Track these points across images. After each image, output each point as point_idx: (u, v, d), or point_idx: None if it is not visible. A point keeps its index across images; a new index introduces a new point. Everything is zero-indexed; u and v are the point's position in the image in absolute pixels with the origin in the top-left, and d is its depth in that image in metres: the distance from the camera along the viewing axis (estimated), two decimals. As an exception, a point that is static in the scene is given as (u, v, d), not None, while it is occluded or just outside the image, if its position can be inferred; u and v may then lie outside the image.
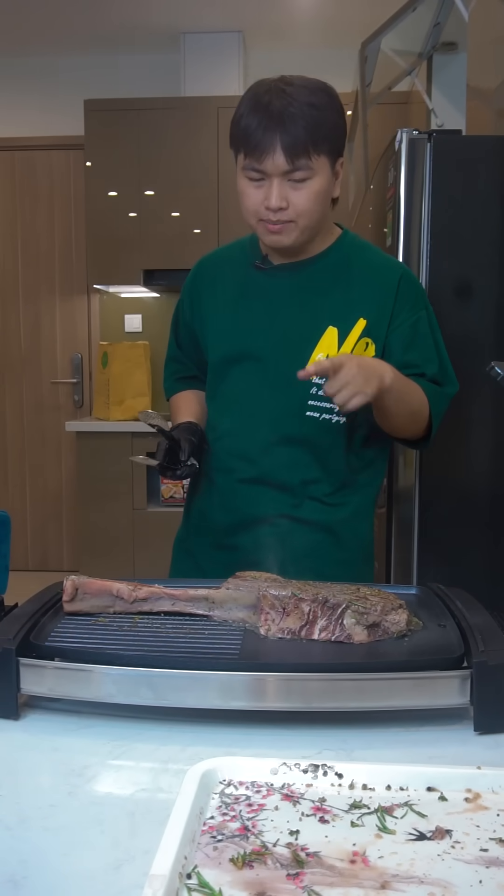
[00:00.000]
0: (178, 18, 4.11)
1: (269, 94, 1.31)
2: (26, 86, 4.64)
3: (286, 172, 1.32)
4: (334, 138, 1.35)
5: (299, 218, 1.36)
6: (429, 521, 2.48)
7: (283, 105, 1.29)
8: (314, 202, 1.35)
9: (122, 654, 0.93)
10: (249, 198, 1.37)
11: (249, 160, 1.34)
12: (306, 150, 1.30)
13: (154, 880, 0.56)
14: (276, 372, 1.44)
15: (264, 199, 1.35)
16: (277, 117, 1.29)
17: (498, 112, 2.74)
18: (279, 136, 1.29)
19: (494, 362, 1.55)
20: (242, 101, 1.37)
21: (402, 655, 0.97)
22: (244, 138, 1.33)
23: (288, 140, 1.29)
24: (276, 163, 1.31)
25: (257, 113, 1.31)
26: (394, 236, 2.42)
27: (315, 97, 1.31)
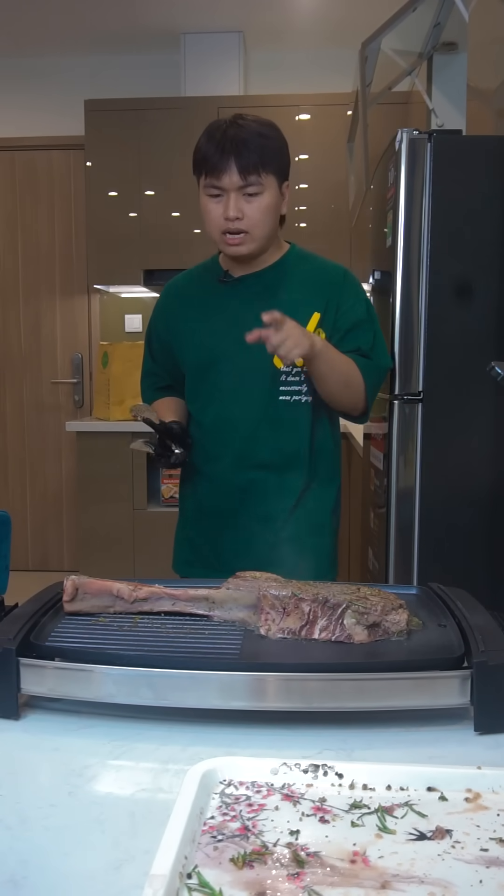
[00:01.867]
0: (178, 18, 4.11)
1: (224, 126, 1.58)
2: (26, 86, 4.64)
3: (240, 187, 1.57)
4: (279, 162, 1.61)
5: (253, 228, 1.60)
6: (429, 521, 2.48)
7: (237, 132, 1.56)
8: (264, 214, 1.60)
9: (122, 654, 0.93)
10: (211, 213, 1.62)
11: (209, 179, 1.59)
12: (256, 168, 1.56)
13: (154, 880, 0.56)
14: (246, 367, 1.67)
15: (223, 212, 1.59)
16: (232, 141, 1.56)
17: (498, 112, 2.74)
18: (234, 156, 1.55)
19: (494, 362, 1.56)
20: (201, 137, 1.62)
21: (402, 655, 0.97)
22: (204, 161, 1.59)
23: (241, 159, 1.55)
24: (231, 179, 1.56)
25: (214, 140, 1.57)
26: (394, 236, 2.42)
27: (263, 129, 1.59)
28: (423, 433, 2.45)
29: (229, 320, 1.69)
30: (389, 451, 2.49)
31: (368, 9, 3.53)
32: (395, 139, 2.39)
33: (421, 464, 2.46)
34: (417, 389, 2.44)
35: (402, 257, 2.40)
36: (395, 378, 2.45)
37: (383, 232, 2.62)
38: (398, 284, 2.41)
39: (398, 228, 2.39)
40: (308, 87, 4.27)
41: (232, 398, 1.70)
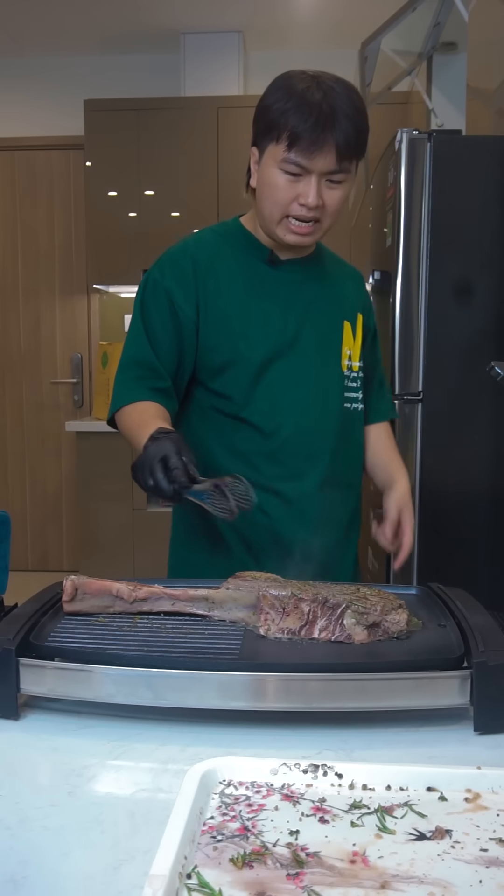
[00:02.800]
0: (178, 18, 4.11)
1: (315, 91, 1.28)
2: (26, 86, 4.64)
3: (329, 172, 1.31)
4: (365, 146, 1.36)
5: (326, 218, 1.36)
6: (429, 521, 2.48)
7: (336, 104, 1.27)
8: (343, 204, 1.37)
9: (121, 654, 0.93)
10: (283, 191, 1.33)
11: (296, 155, 1.29)
12: (354, 153, 1.31)
13: (154, 880, 0.56)
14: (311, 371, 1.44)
15: (299, 196, 1.32)
16: (332, 116, 1.27)
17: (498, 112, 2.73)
18: (334, 135, 1.27)
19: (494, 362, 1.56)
20: (278, 94, 1.31)
21: (402, 655, 0.97)
22: (294, 134, 1.28)
23: (343, 140, 1.28)
24: (326, 161, 1.29)
25: (308, 109, 1.27)
26: (394, 236, 2.42)
27: (358, 99, 1.32)
28: (423, 433, 2.45)
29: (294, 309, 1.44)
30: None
31: (368, 9, 3.54)
32: (394, 139, 2.39)
33: (421, 464, 2.46)
34: (417, 389, 2.44)
35: (401, 257, 2.40)
36: (395, 378, 2.45)
37: (383, 232, 2.62)
38: (398, 284, 2.41)
39: (398, 228, 2.39)
40: (308, 87, 4.26)
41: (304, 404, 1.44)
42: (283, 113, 1.28)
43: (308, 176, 1.31)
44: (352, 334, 1.50)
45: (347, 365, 1.49)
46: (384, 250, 2.58)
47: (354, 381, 1.51)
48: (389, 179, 2.49)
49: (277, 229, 1.38)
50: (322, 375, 1.45)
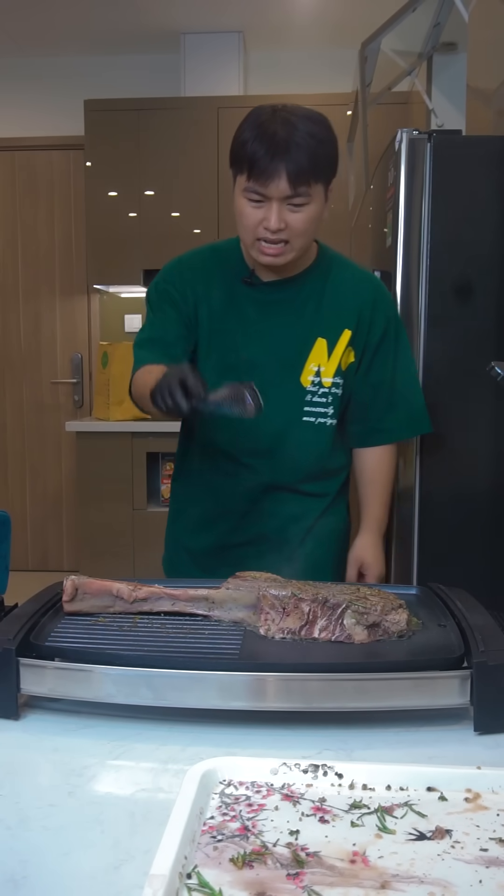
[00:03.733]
0: (178, 18, 4.11)
1: (273, 123, 1.38)
2: (26, 86, 4.64)
3: (287, 197, 1.40)
4: (330, 167, 1.44)
5: (294, 239, 1.45)
6: (429, 521, 2.48)
7: (289, 134, 1.37)
8: (309, 225, 1.45)
9: (122, 654, 0.93)
10: (249, 217, 1.44)
11: (253, 183, 1.40)
12: (308, 178, 1.38)
13: (154, 880, 0.56)
14: (271, 383, 1.51)
15: (263, 220, 1.42)
16: (283, 145, 1.36)
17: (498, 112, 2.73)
18: (284, 163, 1.36)
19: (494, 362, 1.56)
20: (245, 127, 1.42)
21: (402, 655, 0.97)
22: (250, 163, 1.38)
23: (293, 168, 1.36)
24: (279, 188, 1.38)
25: (263, 139, 1.37)
26: (394, 236, 2.42)
27: (317, 129, 1.41)
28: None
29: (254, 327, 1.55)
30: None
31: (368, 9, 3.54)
32: (394, 139, 2.39)
33: (421, 464, 2.46)
34: (417, 389, 2.43)
35: (401, 257, 2.40)
36: (395, 378, 2.45)
37: (383, 232, 2.62)
38: (398, 284, 2.41)
39: (398, 228, 2.39)
40: (308, 87, 4.26)
41: None
42: (244, 144, 1.40)
43: (269, 202, 1.41)
44: (326, 351, 1.55)
45: (313, 380, 1.56)
46: (384, 250, 2.58)
47: (324, 397, 1.57)
48: (389, 179, 2.49)
49: (252, 252, 1.49)
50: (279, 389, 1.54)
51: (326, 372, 1.56)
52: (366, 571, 1.65)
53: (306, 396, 1.56)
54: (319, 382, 1.55)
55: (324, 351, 1.55)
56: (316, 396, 1.56)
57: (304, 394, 1.56)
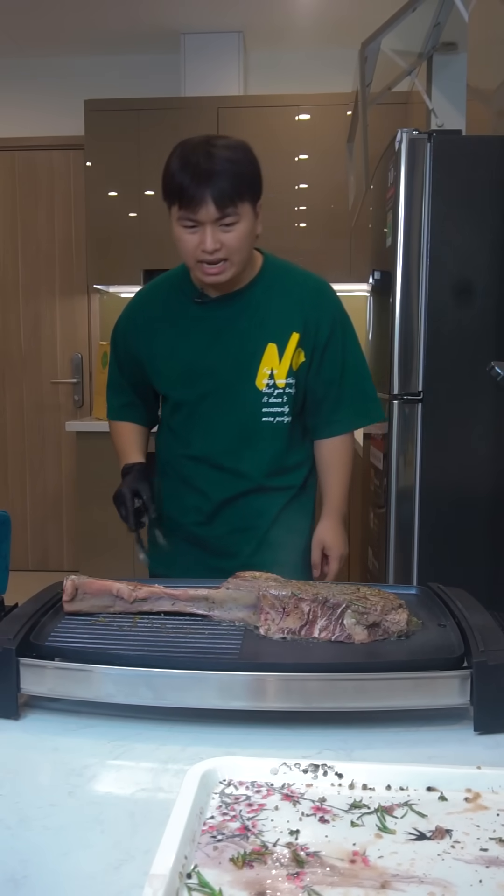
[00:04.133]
0: (178, 18, 4.11)
1: (196, 154, 1.52)
2: (26, 86, 4.64)
3: (217, 220, 1.53)
4: (254, 187, 1.57)
5: (232, 256, 1.57)
6: (429, 521, 2.48)
7: (210, 164, 1.50)
8: (243, 241, 1.57)
9: (122, 654, 0.93)
10: (187, 243, 1.57)
11: (184, 212, 1.53)
12: (233, 200, 1.52)
13: (154, 880, 0.56)
14: (230, 388, 1.68)
15: (200, 244, 1.55)
16: (206, 174, 1.50)
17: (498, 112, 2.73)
18: (209, 189, 1.50)
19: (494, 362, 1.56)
20: (172, 160, 1.56)
21: (402, 655, 0.97)
22: (178, 193, 1.53)
23: (217, 193, 1.50)
24: (208, 212, 1.52)
25: (187, 170, 1.51)
26: (394, 236, 2.42)
27: (236, 155, 1.54)
28: (423, 433, 2.45)
29: (208, 341, 1.69)
30: (389, 451, 2.49)
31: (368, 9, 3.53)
32: (395, 139, 2.39)
33: (421, 464, 2.46)
34: (417, 389, 2.44)
35: (402, 257, 2.40)
36: (394, 378, 2.45)
37: (383, 232, 2.62)
38: (398, 284, 2.41)
39: (398, 228, 2.39)
40: (308, 87, 4.26)
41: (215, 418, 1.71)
42: (172, 177, 1.54)
43: (202, 226, 1.54)
44: (277, 354, 1.67)
45: (267, 383, 1.68)
46: (384, 250, 2.58)
47: (279, 398, 1.69)
48: (389, 179, 2.49)
49: (195, 275, 1.63)
50: (236, 394, 1.68)
51: (279, 374, 1.67)
52: (328, 553, 1.76)
53: (263, 398, 1.68)
54: (274, 384, 1.67)
55: (275, 355, 1.67)
56: (272, 398, 1.68)
57: (261, 396, 1.68)
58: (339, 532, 1.78)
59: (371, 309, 3.05)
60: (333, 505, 1.79)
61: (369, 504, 2.97)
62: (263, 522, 1.73)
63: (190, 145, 1.55)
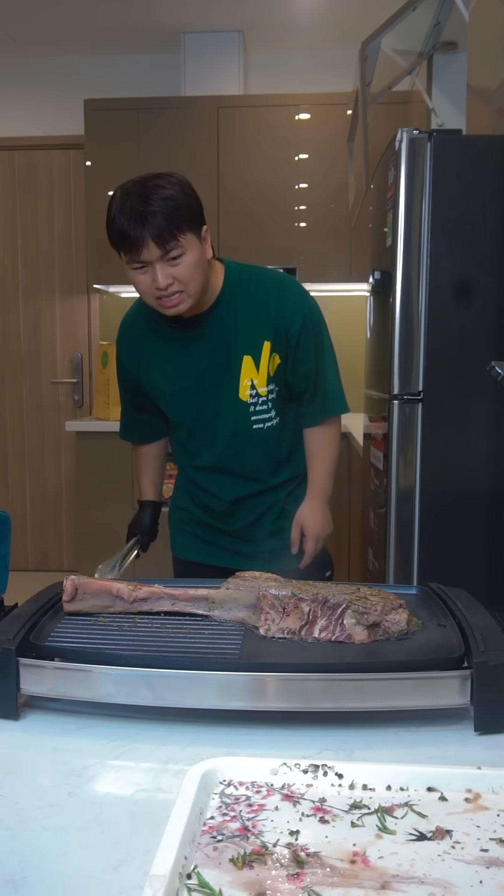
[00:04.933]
0: (178, 18, 4.11)
1: (130, 199, 1.56)
2: (26, 86, 4.64)
3: (162, 256, 1.56)
4: (192, 217, 1.59)
5: (186, 287, 1.60)
6: (429, 521, 2.48)
7: (143, 207, 1.54)
8: (193, 271, 1.60)
9: (121, 654, 0.93)
10: (141, 284, 1.62)
11: (130, 255, 1.58)
12: (173, 234, 1.55)
13: (154, 880, 0.56)
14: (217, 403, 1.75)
15: (153, 282, 1.59)
16: (140, 217, 1.54)
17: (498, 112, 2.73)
18: (147, 230, 1.54)
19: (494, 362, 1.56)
20: (112, 206, 1.61)
21: (402, 655, 0.97)
22: (120, 239, 1.58)
23: (154, 232, 1.54)
24: (150, 252, 1.56)
25: (124, 215, 1.56)
26: (394, 236, 2.42)
27: (168, 191, 1.56)
28: (423, 433, 2.45)
29: (189, 362, 1.75)
30: (389, 451, 2.49)
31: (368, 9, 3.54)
32: (395, 139, 2.39)
33: (421, 464, 2.46)
34: (417, 389, 2.44)
35: (402, 257, 2.40)
36: (394, 378, 2.45)
37: (383, 232, 2.62)
38: (398, 284, 2.41)
39: (398, 228, 2.39)
40: (308, 87, 4.27)
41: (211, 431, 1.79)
42: (112, 224, 1.60)
43: (150, 265, 1.58)
44: (254, 365, 1.73)
45: (250, 393, 1.74)
46: (384, 250, 2.58)
47: (264, 404, 1.76)
48: (389, 179, 2.49)
49: (160, 310, 1.66)
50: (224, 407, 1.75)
51: (259, 383, 1.74)
52: (305, 532, 1.83)
53: (249, 408, 1.75)
54: (256, 393, 1.74)
55: (251, 366, 1.73)
56: (258, 406, 1.76)
57: (247, 406, 1.75)
58: (319, 512, 1.84)
59: (371, 309, 3.05)
60: (315, 487, 1.86)
61: (369, 504, 2.97)
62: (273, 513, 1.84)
63: (125, 191, 1.59)
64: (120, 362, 1.89)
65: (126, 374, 1.89)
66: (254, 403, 1.76)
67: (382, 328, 2.62)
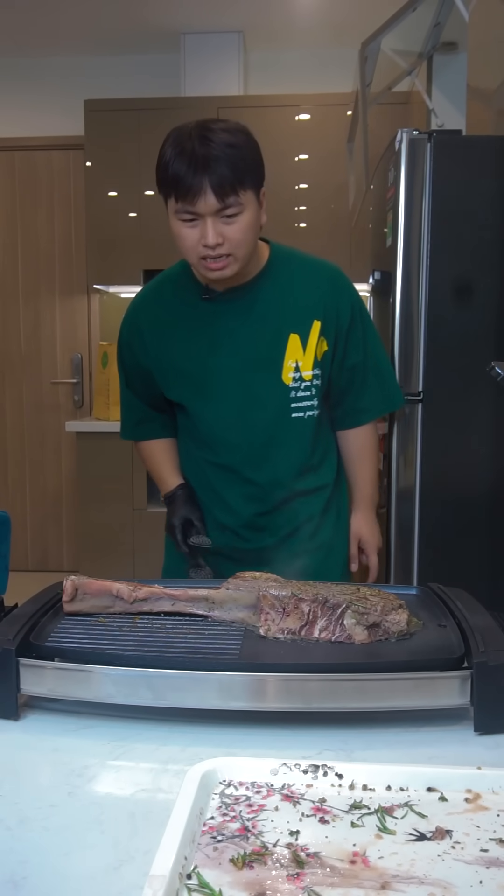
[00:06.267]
0: (178, 18, 4.11)
1: (191, 140, 1.39)
2: (26, 86, 4.64)
3: (218, 211, 1.41)
4: (256, 173, 1.45)
5: (236, 250, 1.45)
6: (429, 521, 2.47)
7: (207, 149, 1.38)
8: (247, 233, 1.45)
9: (121, 654, 0.93)
10: (186, 239, 1.44)
11: (182, 204, 1.41)
12: (234, 188, 1.39)
13: (154, 880, 0.56)
14: (255, 387, 1.57)
15: (201, 238, 1.43)
16: (203, 161, 1.37)
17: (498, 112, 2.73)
18: (207, 178, 1.37)
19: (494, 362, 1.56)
20: (166, 148, 1.43)
21: (402, 656, 0.97)
22: (174, 184, 1.40)
23: (216, 181, 1.38)
24: (207, 203, 1.39)
25: (183, 158, 1.38)
26: (394, 236, 2.42)
27: (235, 139, 1.41)
28: (423, 433, 2.45)
29: (224, 340, 1.58)
30: (389, 451, 2.49)
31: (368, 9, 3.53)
32: (395, 139, 2.39)
33: (421, 464, 2.46)
34: (417, 389, 2.44)
35: (402, 257, 2.40)
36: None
37: (383, 232, 2.62)
38: (398, 284, 2.41)
39: (398, 228, 2.39)
40: (308, 87, 4.26)
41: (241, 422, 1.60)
42: (165, 166, 1.42)
43: (202, 219, 1.42)
44: (301, 345, 1.57)
45: (293, 377, 1.58)
46: (384, 250, 2.58)
47: (307, 391, 1.59)
48: (389, 179, 2.49)
49: (201, 271, 1.50)
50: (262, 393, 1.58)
51: (305, 366, 1.58)
52: (365, 546, 1.74)
53: (291, 393, 1.58)
54: (300, 377, 1.58)
55: (298, 346, 1.57)
56: (300, 391, 1.58)
57: (289, 391, 1.58)
58: (374, 524, 1.75)
59: (371, 309, 3.05)
60: (365, 495, 1.74)
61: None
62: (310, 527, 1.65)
63: (185, 131, 1.41)
64: (129, 352, 1.68)
65: (135, 364, 1.68)
66: (296, 388, 1.58)
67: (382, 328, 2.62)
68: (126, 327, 1.70)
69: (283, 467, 1.61)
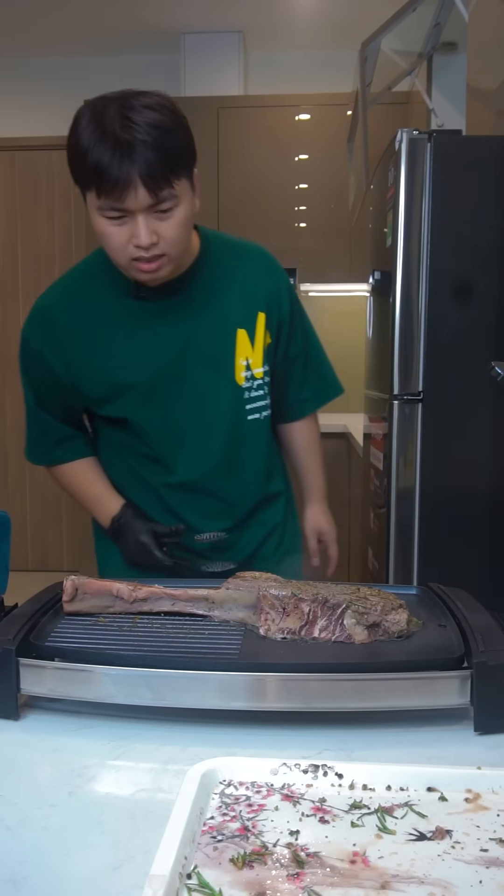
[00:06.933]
0: (178, 18, 4.11)
1: (114, 124, 1.18)
2: (26, 86, 4.64)
3: (150, 206, 1.22)
4: (188, 153, 1.25)
5: (171, 249, 1.27)
6: (429, 521, 2.48)
7: (132, 133, 1.17)
8: (183, 229, 1.27)
9: (121, 654, 0.93)
10: (113, 238, 1.25)
11: (107, 200, 1.21)
12: (167, 180, 1.20)
13: (154, 880, 0.56)
14: (204, 389, 1.42)
15: (131, 238, 1.24)
16: (126, 147, 1.16)
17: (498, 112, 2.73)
18: (135, 167, 1.17)
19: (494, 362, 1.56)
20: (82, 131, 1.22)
21: (402, 655, 0.97)
22: (97, 177, 1.20)
23: (144, 170, 1.17)
24: (138, 200, 1.20)
25: (105, 145, 1.18)
26: (394, 236, 2.42)
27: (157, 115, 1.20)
28: (423, 433, 2.45)
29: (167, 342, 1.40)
30: (389, 451, 2.49)
31: (368, 9, 3.54)
32: (395, 139, 2.39)
33: (421, 464, 2.46)
34: (417, 389, 2.44)
35: (402, 257, 2.40)
36: (394, 378, 2.45)
37: (383, 232, 2.62)
38: (398, 284, 2.41)
39: (398, 228, 2.39)
40: (308, 87, 4.27)
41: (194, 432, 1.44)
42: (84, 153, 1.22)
43: (132, 216, 1.22)
44: (249, 341, 1.43)
45: (245, 376, 1.44)
46: (384, 250, 2.58)
47: (259, 390, 1.46)
48: (389, 179, 2.49)
49: (132, 274, 1.32)
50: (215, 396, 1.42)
51: (255, 363, 1.44)
52: (325, 539, 1.65)
53: (244, 394, 1.44)
54: (252, 376, 1.44)
55: (247, 342, 1.43)
56: (253, 391, 1.45)
57: (242, 392, 1.44)
58: (329, 514, 1.66)
59: (371, 309, 3.05)
60: (317, 487, 1.65)
61: (369, 504, 2.97)
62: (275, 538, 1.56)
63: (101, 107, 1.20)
64: (40, 364, 1.49)
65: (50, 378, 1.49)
66: (249, 388, 1.43)
67: (382, 328, 2.62)
68: (33, 334, 1.49)
69: (249, 476, 1.48)
